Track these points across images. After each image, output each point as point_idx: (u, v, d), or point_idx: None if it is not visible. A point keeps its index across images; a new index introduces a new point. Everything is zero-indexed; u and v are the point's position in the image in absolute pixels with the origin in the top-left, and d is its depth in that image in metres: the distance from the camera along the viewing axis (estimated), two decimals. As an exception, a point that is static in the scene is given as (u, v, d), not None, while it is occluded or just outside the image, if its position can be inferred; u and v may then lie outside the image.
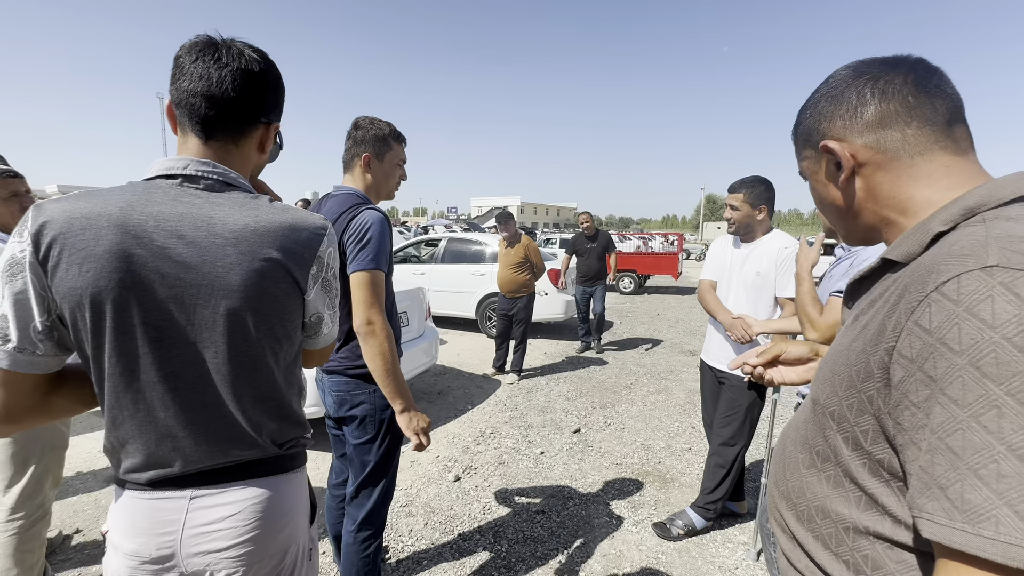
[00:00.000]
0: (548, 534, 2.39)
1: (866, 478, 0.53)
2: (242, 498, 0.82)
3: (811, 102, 0.67)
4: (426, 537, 2.36)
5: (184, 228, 0.75)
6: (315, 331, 0.92)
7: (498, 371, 5.04)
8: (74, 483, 2.75)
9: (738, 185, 2.18)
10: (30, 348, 0.72)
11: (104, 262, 0.70)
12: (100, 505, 2.55)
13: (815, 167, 0.68)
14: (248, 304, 0.78)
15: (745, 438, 2.28)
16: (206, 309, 0.76)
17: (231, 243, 0.77)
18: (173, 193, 0.77)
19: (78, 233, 0.70)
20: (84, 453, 3.06)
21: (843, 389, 0.55)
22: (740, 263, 2.28)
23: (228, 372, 0.80)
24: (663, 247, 11.38)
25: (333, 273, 0.91)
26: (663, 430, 3.68)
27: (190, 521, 0.80)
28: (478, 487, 2.83)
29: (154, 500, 0.80)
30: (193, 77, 0.77)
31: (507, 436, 3.54)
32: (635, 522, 2.50)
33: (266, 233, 0.79)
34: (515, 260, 4.73)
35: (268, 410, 0.85)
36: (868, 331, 0.53)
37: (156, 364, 0.76)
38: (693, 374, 5.07)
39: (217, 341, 0.78)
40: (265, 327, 0.81)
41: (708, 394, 2.51)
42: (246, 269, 0.77)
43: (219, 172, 0.81)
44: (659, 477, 2.98)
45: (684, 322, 8.08)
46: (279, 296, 0.81)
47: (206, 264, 0.75)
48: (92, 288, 0.70)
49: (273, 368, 0.84)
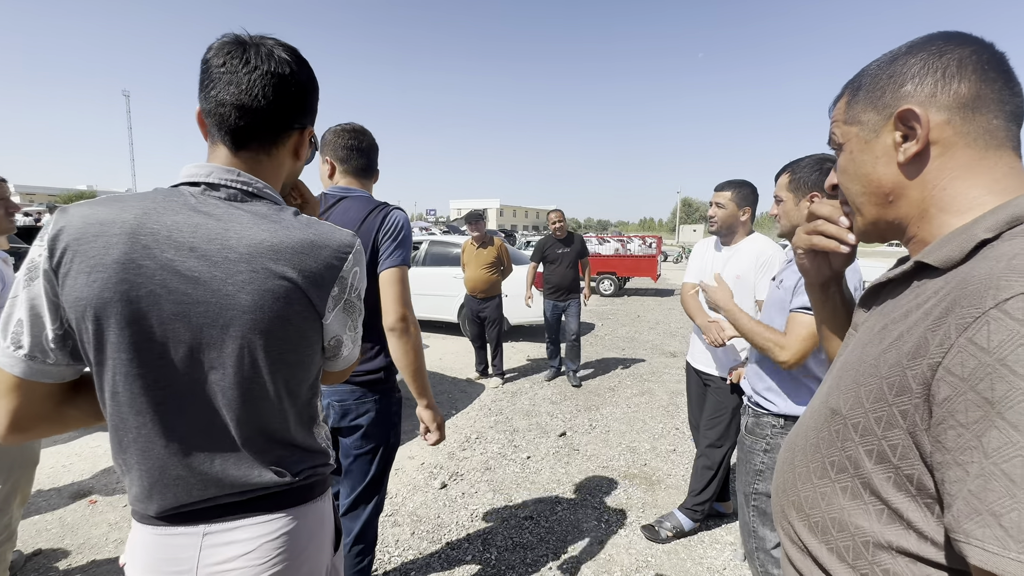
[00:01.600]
0: (537, 540, 2.37)
1: (890, 492, 0.51)
2: (258, 534, 0.76)
3: (895, 58, 0.58)
4: (413, 547, 2.31)
5: (197, 240, 0.70)
6: (334, 354, 0.86)
7: (481, 374, 5.01)
8: (36, 500, 2.59)
9: (726, 184, 2.21)
10: (41, 356, 0.68)
11: (111, 272, 0.66)
12: (64, 524, 2.41)
13: (868, 134, 0.60)
14: (258, 327, 0.72)
15: (732, 439, 2.31)
16: (213, 329, 0.71)
17: (244, 259, 0.71)
18: (193, 202, 0.72)
19: (90, 240, 0.66)
20: (47, 468, 2.90)
21: (870, 401, 0.53)
22: (721, 266, 2.31)
23: (235, 397, 0.73)
24: (642, 249, 11.53)
25: (358, 294, 0.84)
26: (648, 432, 3.71)
27: (204, 559, 0.74)
28: (465, 494, 2.79)
29: (165, 536, 0.74)
30: (221, 84, 0.72)
31: (493, 441, 3.51)
32: (623, 525, 2.51)
33: (283, 250, 0.73)
34: (488, 260, 4.72)
35: (280, 440, 0.79)
36: (904, 343, 0.50)
37: (160, 384, 0.70)
38: (675, 375, 5.14)
39: (224, 364, 0.72)
40: (276, 352, 0.74)
41: (694, 396, 2.53)
42: (258, 289, 0.71)
43: (242, 181, 0.75)
44: (645, 479, 2.99)
45: (664, 324, 8.19)
46: (292, 319, 0.75)
47: (215, 280, 0.70)
48: (97, 299, 0.66)
49: (284, 397, 0.77)
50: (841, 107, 0.65)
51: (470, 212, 4.93)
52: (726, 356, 2.28)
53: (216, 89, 0.72)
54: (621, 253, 11.55)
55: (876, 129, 0.59)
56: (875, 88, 0.59)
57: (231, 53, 0.73)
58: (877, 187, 0.60)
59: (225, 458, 0.75)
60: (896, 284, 0.60)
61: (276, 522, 0.78)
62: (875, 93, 0.59)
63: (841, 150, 0.65)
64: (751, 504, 1.64)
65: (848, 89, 0.64)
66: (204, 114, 0.75)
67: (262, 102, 0.73)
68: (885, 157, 0.59)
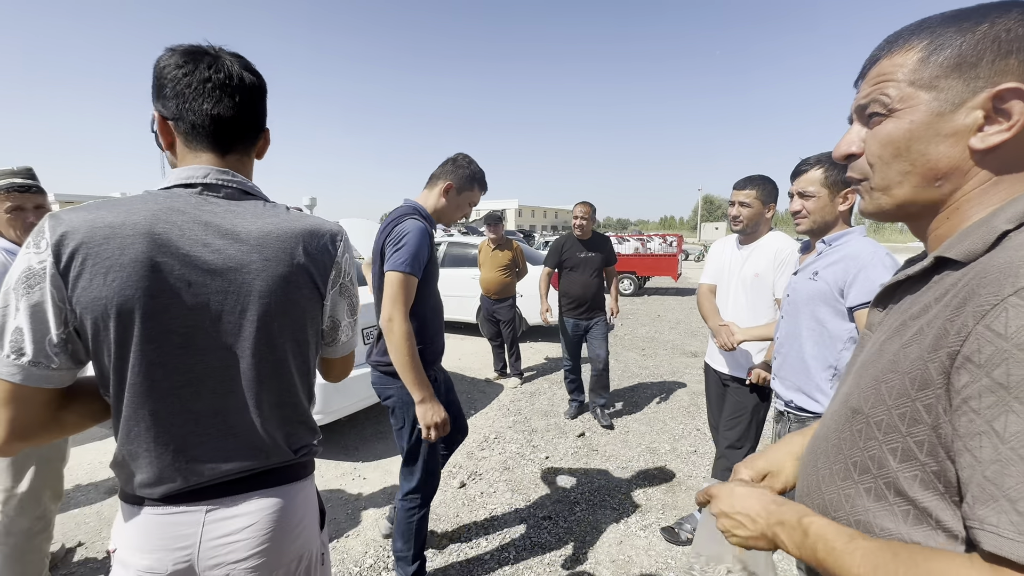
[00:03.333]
0: (556, 540, 2.37)
1: (917, 491, 0.50)
2: (258, 508, 0.83)
3: (999, 15, 0.48)
4: (432, 544, 2.34)
5: (209, 236, 0.76)
6: (332, 338, 0.94)
7: (500, 374, 5.03)
8: (75, 496, 2.72)
9: (747, 182, 2.16)
10: (44, 362, 0.70)
11: (130, 271, 0.70)
12: (102, 517, 2.52)
13: (943, 105, 0.50)
14: (273, 309, 0.80)
15: (752, 440, 2.27)
16: (232, 315, 0.78)
17: (255, 249, 0.79)
18: (194, 202, 0.78)
19: (102, 243, 0.70)
20: (85, 465, 3.04)
21: (892, 398, 0.52)
22: (740, 264, 2.27)
23: (252, 377, 0.81)
24: (662, 248, 11.38)
25: (351, 279, 0.93)
26: (668, 433, 3.67)
27: (207, 534, 0.79)
28: (484, 493, 2.81)
29: (169, 515, 0.79)
30: (208, 95, 0.77)
31: (511, 441, 3.53)
32: (643, 526, 2.49)
33: (288, 239, 0.82)
34: (503, 263, 4.74)
35: (286, 415, 0.87)
36: (924, 337, 0.49)
37: (180, 371, 0.76)
38: (696, 376, 5.06)
39: (242, 346, 0.79)
40: (288, 332, 0.83)
41: (713, 397, 2.49)
42: (271, 275, 0.79)
43: (238, 181, 0.83)
44: (665, 480, 2.96)
45: (685, 323, 8.07)
46: (300, 301, 0.83)
47: (231, 271, 0.77)
48: (119, 297, 0.70)
49: (293, 372, 0.86)
50: (907, 63, 0.52)
51: (489, 213, 4.95)
52: (744, 356, 2.24)
53: (203, 100, 0.77)
54: (641, 252, 11.42)
55: (956, 102, 0.49)
56: (968, 51, 0.49)
57: (199, 63, 0.77)
58: (931, 168, 0.52)
59: (238, 436, 0.81)
60: (914, 281, 0.59)
61: (274, 497, 0.85)
62: (966, 57, 0.49)
63: (884, 115, 0.55)
64: None
65: (920, 43, 0.52)
66: (178, 120, 0.79)
67: (246, 110, 0.82)
68: (955, 137, 0.50)
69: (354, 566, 2.19)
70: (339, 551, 2.29)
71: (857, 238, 1.54)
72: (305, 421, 0.91)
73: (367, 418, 3.83)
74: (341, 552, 2.28)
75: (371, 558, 2.23)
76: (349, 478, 2.97)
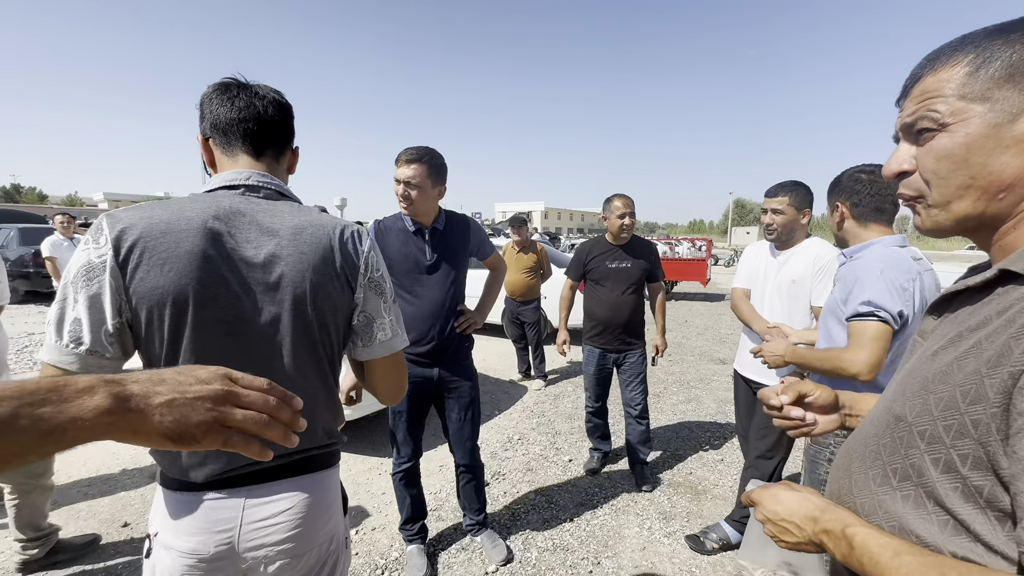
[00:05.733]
0: (578, 543, 2.37)
1: (957, 503, 0.49)
2: (294, 494, 0.88)
3: None
4: (456, 542, 2.37)
5: (252, 233, 0.84)
6: (368, 335, 0.95)
7: (524, 376, 5.04)
8: (121, 479, 2.88)
9: (779, 189, 2.11)
10: (100, 351, 0.75)
11: (185, 262, 0.77)
12: (146, 500, 2.66)
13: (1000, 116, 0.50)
14: (307, 299, 0.86)
15: (784, 451, 2.22)
16: (272, 305, 0.84)
17: (291, 243, 0.85)
18: (239, 201, 0.85)
19: (159, 236, 0.77)
20: (131, 450, 3.20)
21: (939, 409, 0.51)
22: (775, 270, 2.22)
23: (291, 364, 0.87)
24: (691, 252, 11.18)
25: (381, 275, 0.96)
26: (694, 440, 3.61)
27: (247, 518, 0.84)
28: (506, 493, 2.83)
29: (211, 500, 0.84)
30: (236, 107, 0.88)
31: (535, 443, 3.54)
32: (667, 534, 2.46)
33: (320, 234, 0.88)
34: (528, 265, 4.77)
35: (323, 401, 0.93)
36: (982, 351, 0.48)
37: (226, 357, 0.80)
38: (723, 383, 4.96)
39: (282, 333, 0.86)
40: (320, 321, 0.89)
41: (742, 405, 2.45)
42: (305, 265, 0.86)
43: (276, 183, 0.92)
44: (691, 488, 2.92)
45: (713, 329, 7.91)
46: (332, 293, 0.89)
47: (270, 263, 0.84)
48: (175, 287, 0.77)
49: (325, 360, 0.92)
50: (954, 78, 0.53)
51: (514, 216, 4.98)
52: None
53: (234, 112, 0.88)
54: (669, 256, 11.24)
55: (1014, 112, 0.49)
56: (1020, 61, 0.49)
57: (237, 90, 0.90)
58: (993, 180, 0.51)
59: None
60: (973, 292, 0.57)
61: (308, 485, 0.90)
62: (1019, 67, 0.49)
63: (935, 130, 0.54)
64: None
65: (965, 57, 0.52)
66: (219, 132, 0.89)
67: (275, 118, 0.92)
68: (1016, 147, 0.50)
69: (380, 558, 2.24)
70: (365, 543, 2.35)
71: (876, 249, 1.48)
72: (333, 408, 0.97)
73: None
74: (368, 544, 2.34)
75: (396, 551, 2.28)
76: (376, 473, 3.04)
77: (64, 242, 5.80)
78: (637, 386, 2.91)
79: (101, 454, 3.15)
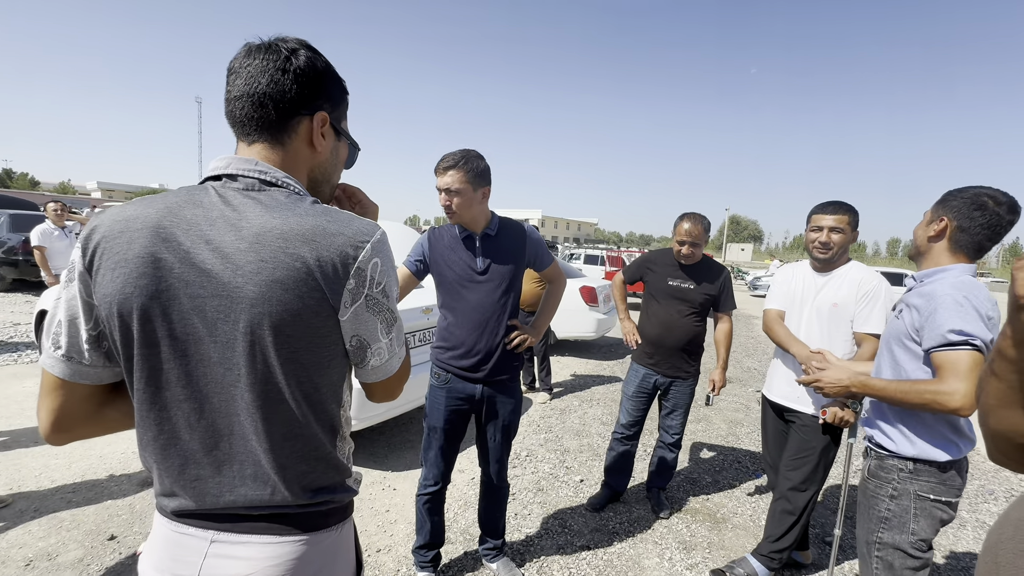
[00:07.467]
0: (596, 573, 2.24)
1: None
2: (263, 555, 0.71)
3: None
4: (467, 566, 2.23)
5: (213, 232, 0.67)
6: (360, 360, 0.79)
7: (529, 388, 4.91)
8: (108, 486, 2.70)
9: (838, 207, 2.01)
10: (77, 357, 0.69)
11: (132, 267, 0.65)
12: (135, 511, 2.49)
13: None
14: (266, 321, 0.67)
15: (818, 483, 2.11)
16: (227, 324, 0.67)
17: (252, 248, 0.67)
18: (214, 195, 0.71)
19: (116, 237, 0.66)
20: (119, 454, 3.03)
21: None
22: (814, 293, 2.12)
23: (251, 400, 0.69)
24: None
25: (383, 291, 0.76)
26: (707, 464, 3.49)
27: (206, 569, 0.71)
28: (517, 514, 2.69)
29: (178, 533, 0.72)
30: (231, 86, 0.74)
31: (544, 460, 3.40)
32: (689, 566, 2.33)
33: (293, 238, 0.68)
34: (535, 275, 4.65)
35: (299, 450, 0.73)
36: None
37: (183, 381, 0.68)
38: (732, 403, 4.86)
39: (238, 362, 0.68)
40: (287, 351, 0.69)
41: (772, 433, 2.34)
42: (265, 279, 0.66)
43: (259, 169, 0.73)
44: (709, 516, 2.79)
45: (716, 346, 7.82)
46: (303, 314, 0.68)
47: (226, 272, 0.66)
48: (119, 295, 0.65)
49: (301, 401, 0.72)
50: None
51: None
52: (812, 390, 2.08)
53: (228, 91, 0.74)
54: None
55: None
56: None
57: (239, 57, 0.74)
58: None
59: (244, 464, 0.71)
60: None
61: (285, 547, 0.73)
62: None
63: None
64: (874, 554, 1.49)
65: None
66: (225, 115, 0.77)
67: (260, 88, 0.72)
68: None
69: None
70: (370, 567, 2.20)
71: (954, 276, 1.39)
72: (325, 458, 0.76)
73: (396, 425, 3.76)
74: (373, 568, 2.19)
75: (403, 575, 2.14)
76: (379, 487, 2.89)
77: (55, 231, 5.60)
78: (678, 415, 2.73)
79: (88, 457, 2.97)
